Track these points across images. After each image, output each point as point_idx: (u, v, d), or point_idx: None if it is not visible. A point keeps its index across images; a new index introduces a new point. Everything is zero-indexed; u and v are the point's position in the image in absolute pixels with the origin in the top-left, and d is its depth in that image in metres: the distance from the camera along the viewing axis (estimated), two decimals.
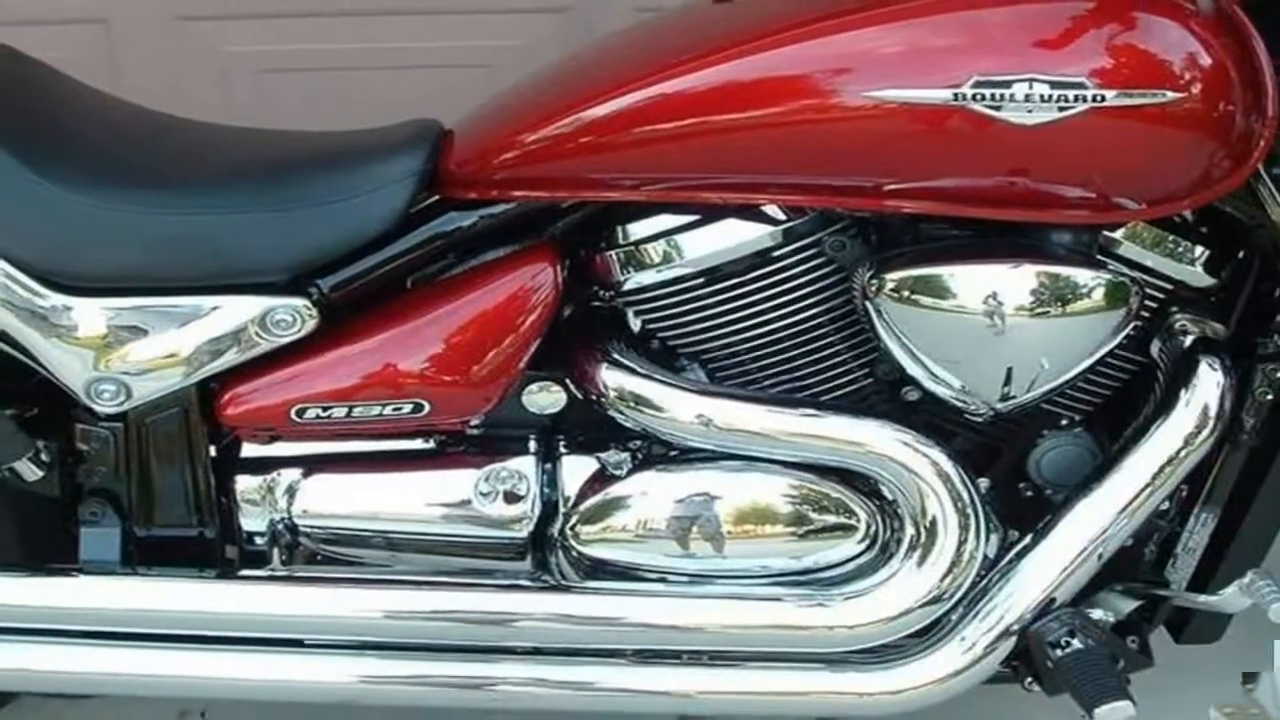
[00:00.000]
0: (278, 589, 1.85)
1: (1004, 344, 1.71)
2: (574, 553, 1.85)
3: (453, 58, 2.92)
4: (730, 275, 1.79)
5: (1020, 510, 1.86)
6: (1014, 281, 1.70)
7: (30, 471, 1.83)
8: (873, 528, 1.82)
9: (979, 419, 1.83)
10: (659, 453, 1.85)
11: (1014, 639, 1.79)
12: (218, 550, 1.89)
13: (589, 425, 1.86)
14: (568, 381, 1.85)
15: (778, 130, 1.68)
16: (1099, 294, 1.71)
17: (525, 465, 1.85)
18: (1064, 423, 1.87)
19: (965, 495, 1.77)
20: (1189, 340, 1.78)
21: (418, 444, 1.89)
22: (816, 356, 1.83)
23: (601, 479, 1.85)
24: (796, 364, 1.83)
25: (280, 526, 1.87)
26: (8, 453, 1.81)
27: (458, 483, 1.86)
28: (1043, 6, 1.67)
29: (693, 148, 1.71)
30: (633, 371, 1.79)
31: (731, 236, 1.77)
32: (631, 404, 1.79)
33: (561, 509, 1.85)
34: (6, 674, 1.85)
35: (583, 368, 1.82)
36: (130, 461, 1.86)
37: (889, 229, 1.78)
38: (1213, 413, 1.76)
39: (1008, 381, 1.75)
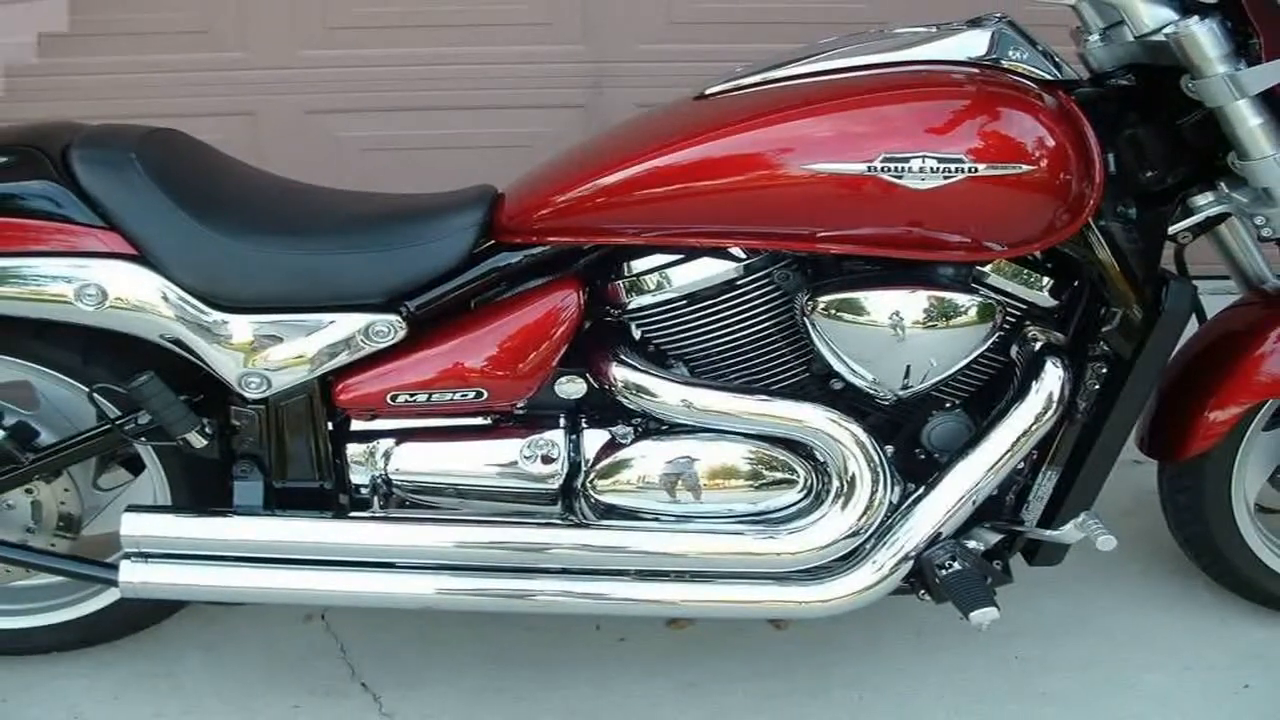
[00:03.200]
0: (377, 526, 1.84)
1: (904, 348, 1.71)
2: (592, 499, 1.84)
3: (502, 140, 2.92)
4: (705, 298, 1.78)
5: (916, 469, 1.85)
6: (911, 303, 1.70)
7: (197, 440, 1.82)
8: (809, 481, 1.81)
9: (886, 402, 1.82)
10: (654, 428, 1.84)
11: (911, 562, 1.79)
12: (334, 498, 1.88)
13: (603, 407, 1.85)
14: (588, 375, 1.83)
15: (740, 193, 1.68)
16: (972, 312, 1.71)
17: (556, 436, 1.84)
18: (948, 405, 1.86)
19: (876, 458, 1.77)
20: (1038, 346, 1.78)
21: (478, 421, 1.87)
22: (768, 357, 1.82)
23: (612, 446, 1.84)
24: (753, 363, 1.82)
25: (379, 480, 1.85)
26: (182, 427, 1.80)
27: (507, 449, 1.84)
28: (933, 103, 1.67)
29: (678, 206, 1.70)
30: (634, 369, 1.78)
31: (706, 270, 1.76)
32: (634, 392, 1.78)
33: (583, 468, 1.84)
34: (179, 587, 1.84)
35: (598, 366, 1.81)
36: (270, 433, 1.85)
37: (821, 264, 1.77)
38: (1055, 399, 1.76)
39: (907, 375, 1.75)
